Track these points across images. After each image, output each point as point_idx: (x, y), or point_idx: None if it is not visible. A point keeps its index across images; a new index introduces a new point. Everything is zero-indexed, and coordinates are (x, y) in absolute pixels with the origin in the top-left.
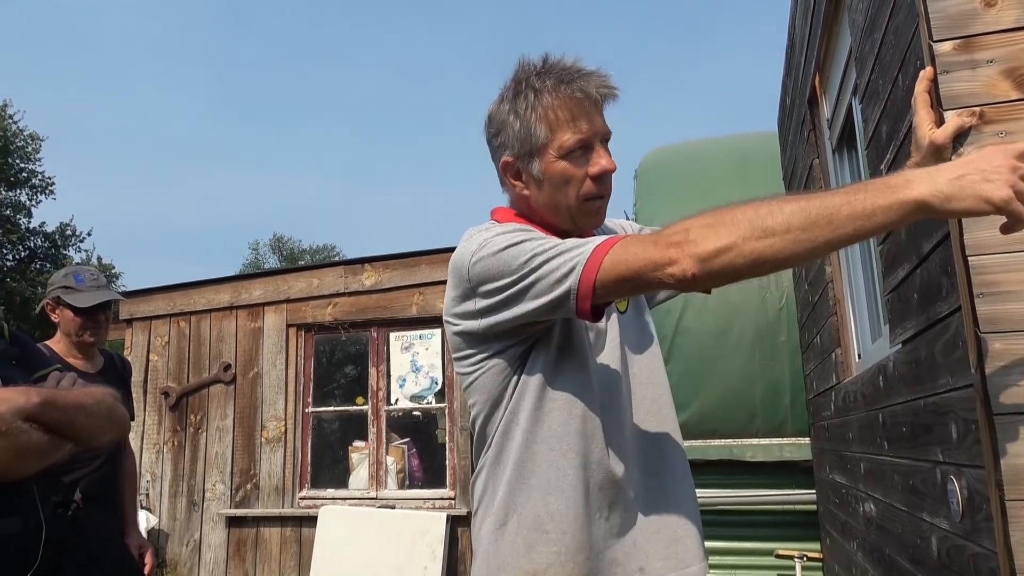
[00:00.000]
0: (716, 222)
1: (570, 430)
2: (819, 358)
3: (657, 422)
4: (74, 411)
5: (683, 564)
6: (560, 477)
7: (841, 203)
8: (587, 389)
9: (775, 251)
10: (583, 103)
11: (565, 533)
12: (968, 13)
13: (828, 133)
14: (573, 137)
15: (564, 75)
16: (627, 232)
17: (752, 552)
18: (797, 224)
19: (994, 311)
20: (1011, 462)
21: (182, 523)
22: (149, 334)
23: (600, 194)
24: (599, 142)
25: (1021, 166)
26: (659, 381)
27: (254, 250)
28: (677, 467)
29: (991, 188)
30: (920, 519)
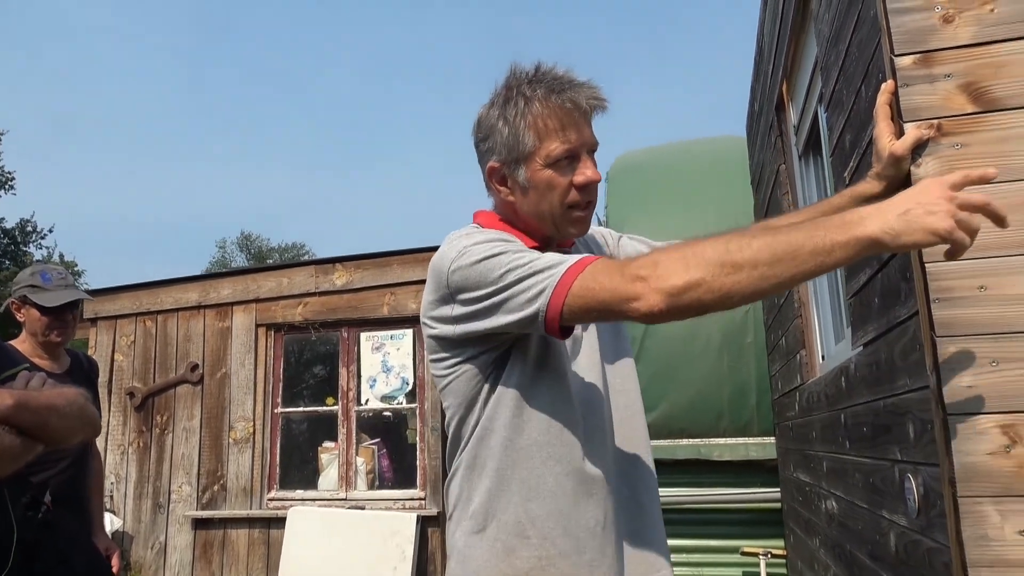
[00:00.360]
0: (685, 257)
1: (551, 439)
2: (784, 359)
3: (630, 428)
4: (46, 412)
5: (655, 569)
6: (541, 484)
7: (804, 239)
8: (566, 398)
9: (742, 287)
10: (572, 113)
11: (546, 539)
12: (927, 29)
13: (795, 139)
14: (561, 147)
15: (555, 84)
16: (608, 243)
17: (718, 549)
18: (764, 260)
19: (949, 315)
20: (963, 460)
21: (147, 525)
22: (114, 333)
23: (584, 203)
24: (586, 152)
25: (957, 196)
26: (631, 388)
27: (221, 248)
28: (647, 473)
29: (935, 220)
30: (880, 516)
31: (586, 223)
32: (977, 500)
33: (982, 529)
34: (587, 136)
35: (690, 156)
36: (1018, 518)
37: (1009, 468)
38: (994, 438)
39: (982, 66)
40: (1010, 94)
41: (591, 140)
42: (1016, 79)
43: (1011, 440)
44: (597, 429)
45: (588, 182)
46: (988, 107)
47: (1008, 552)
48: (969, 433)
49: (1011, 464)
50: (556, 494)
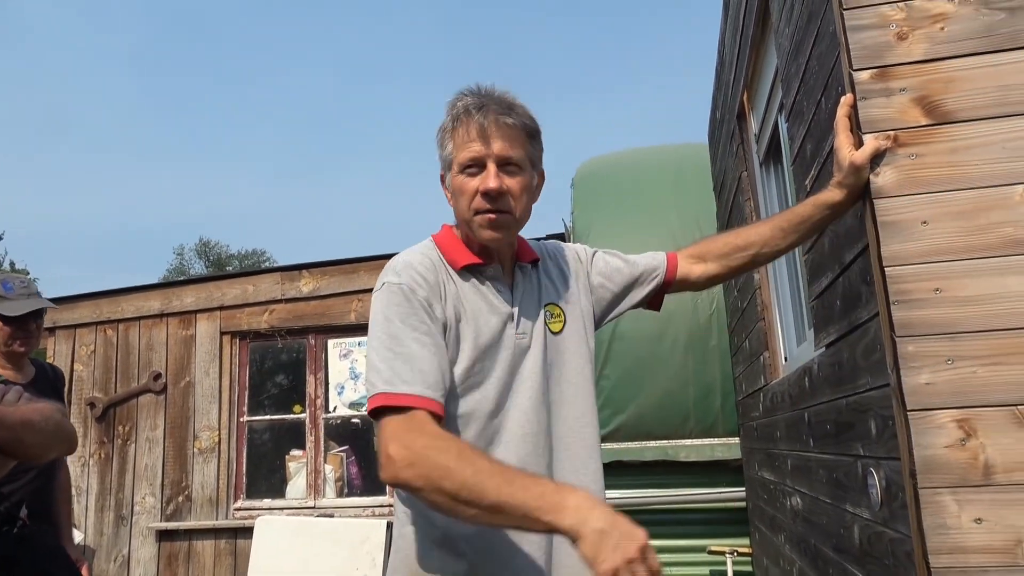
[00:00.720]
0: (438, 466)
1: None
2: (748, 361)
3: (575, 437)
4: (21, 429)
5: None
6: None
7: (525, 502)
8: (484, 409)
9: (453, 513)
10: (485, 128)
11: (468, 542)
12: (883, 45)
13: (756, 147)
14: (468, 155)
15: (476, 103)
16: (581, 260)
17: (686, 549)
18: (485, 506)
19: (908, 316)
20: (922, 453)
21: (110, 538)
22: (73, 343)
23: (488, 209)
24: (492, 163)
25: (637, 561)
26: (580, 400)
27: (179, 255)
28: (589, 478)
29: (612, 559)
30: (843, 510)
31: (495, 229)
32: (936, 491)
33: (941, 518)
34: (496, 149)
35: (654, 162)
36: (974, 507)
37: (965, 460)
38: (951, 432)
39: (934, 81)
40: (960, 107)
41: (500, 153)
42: (965, 93)
43: (966, 433)
44: (525, 437)
45: (486, 189)
46: (940, 119)
47: (965, 539)
48: (927, 428)
49: (966, 456)
50: None
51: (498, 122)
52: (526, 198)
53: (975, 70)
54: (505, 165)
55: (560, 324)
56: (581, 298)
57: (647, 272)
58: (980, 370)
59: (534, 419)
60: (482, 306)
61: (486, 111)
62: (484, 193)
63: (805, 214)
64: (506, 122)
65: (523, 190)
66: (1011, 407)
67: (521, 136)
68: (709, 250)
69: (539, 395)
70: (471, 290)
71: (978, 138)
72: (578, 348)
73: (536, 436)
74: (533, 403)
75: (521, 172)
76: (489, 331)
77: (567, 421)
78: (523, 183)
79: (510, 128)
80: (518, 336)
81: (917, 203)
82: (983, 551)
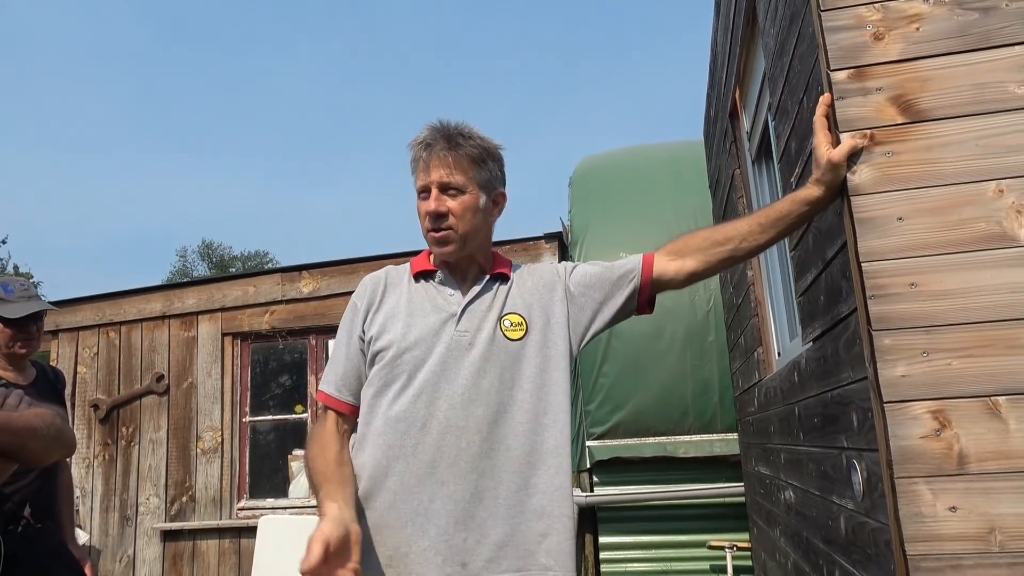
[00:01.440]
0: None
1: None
2: (743, 357)
3: (519, 443)
4: (25, 434)
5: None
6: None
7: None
8: (413, 396)
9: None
10: (427, 161)
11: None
12: (860, 45)
13: (748, 145)
14: (420, 183)
15: (426, 138)
16: (559, 278)
17: (686, 544)
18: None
19: (884, 311)
20: (899, 444)
21: (115, 539)
22: (76, 345)
23: (433, 228)
24: (436, 188)
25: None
26: (533, 406)
27: (182, 257)
28: (530, 482)
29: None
30: (831, 501)
31: (439, 245)
32: (912, 480)
33: (917, 507)
34: (434, 177)
35: (651, 159)
36: (948, 495)
37: (939, 450)
38: (926, 423)
39: (910, 80)
40: (935, 106)
41: (441, 180)
42: (940, 92)
43: (941, 424)
44: (449, 428)
45: (427, 210)
46: (916, 118)
47: (940, 527)
48: (903, 419)
49: (941, 446)
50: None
51: (440, 155)
52: (470, 216)
53: (949, 69)
54: (446, 190)
55: (520, 332)
56: (555, 310)
57: (624, 275)
58: (954, 362)
59: (463, 413)
60: (425, 305)
61: (430, 147)
62: (427, 214)
63: (784, 210)
64: (446, 155)
65: (465, 209)
66: (984, 398)
67: (463, 163)
68: (687, 245)
69: (474, 392)
70: (420, 291)
71: (952, 136)
72: (537, 358)
73: (462, 430)
74: (465, 398)
75: (462, 194)
76: (425, 326)
77: (511, 424)
78: (465, 204)
79: (452, 158)
80: (458, 333)
81: (893, 200)
82: (957, 539)
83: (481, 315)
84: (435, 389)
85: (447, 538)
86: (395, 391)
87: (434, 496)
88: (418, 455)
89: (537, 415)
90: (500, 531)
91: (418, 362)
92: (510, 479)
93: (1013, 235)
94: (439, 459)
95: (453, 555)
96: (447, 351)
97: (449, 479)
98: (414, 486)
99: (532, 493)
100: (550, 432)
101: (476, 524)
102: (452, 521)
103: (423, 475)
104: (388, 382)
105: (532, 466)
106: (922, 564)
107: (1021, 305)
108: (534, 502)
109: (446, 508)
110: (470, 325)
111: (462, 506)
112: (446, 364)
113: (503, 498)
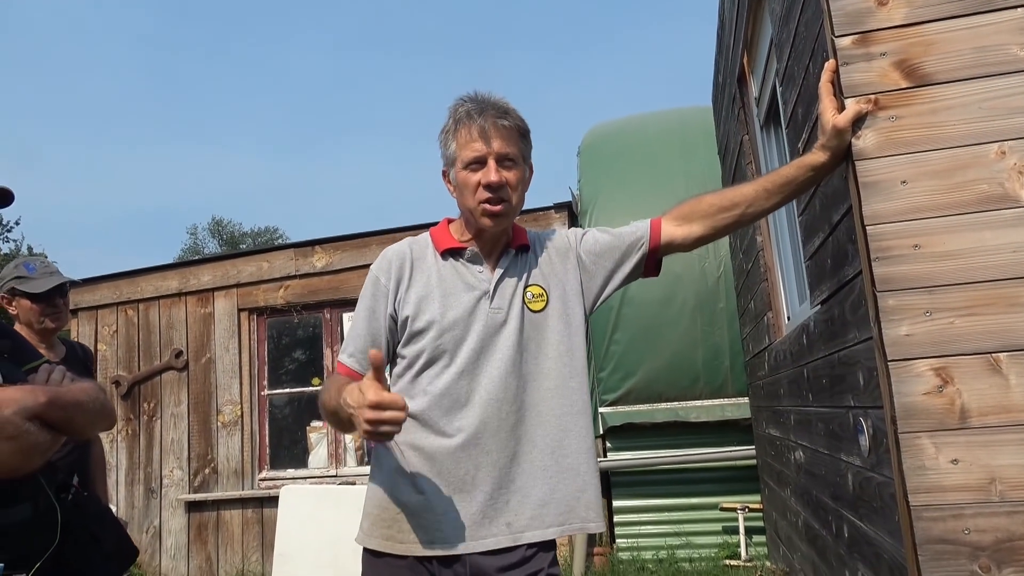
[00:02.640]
0: (321, 396)
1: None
2: (753, 322)
3: (548, 408)
4: (74, 409)
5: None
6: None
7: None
8: (456, 375)
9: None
10: (485, 130)
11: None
12: (864, 11)
13: (756, 111)
14: (471, 153)
15: (476, 108)
16: (571, 245)
17: (698, 507)
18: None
19: (888, 272)
20: (902, 400)
21: (141, 510)
22: (96, 323)
23: (491, 200)
24: (493, 160)
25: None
26: (559, 373)
27: (192, 235)
28: (563, 443)
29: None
30: (839, 459)
31: (497, 219)
32: (916, 435)
33: (920, 460)
34: (496, 147)
35: (660, 126)
36: (950, 449)
37: (942, 405)
38: (928, 380)
39: (913, 44)
40: (938, 70)
41: (499, 150)
42: (943, 56)
43: (943, 381)
44: (491, 401)
45: (487, 182)
46: (919, 82)
47: (943, 479)
48: (907, 376)
49: (943, 402)
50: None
51: (496, 124)
52: (522, 189)
53: (952, 33)
54: (503, 161)
55: (542, 303)
56: (568, 278)
57: (633, 243)
58: (957, 321)
59: (502, 386)
60: (457, 284)
61: (485, 115)
62: (487, 186)
63: (790, 175)
64: (503, 124)
65: (519, 182)
66: (985, 355)
67: (515, 136)
68: (694, 211)
69: (511, 365)
70: (450, 270)
71: (955, 99)
72: (559, 325)
73: (502, 402)
74: (503, 372)
75: (516, 167)
76: (461, 305)
77: (540, 391)
78: (518, 176)
79: (506, 129)
80: (492, 311)
81: (897, 163)
82: (959, 489)
83: (511, 290)
84: (476, 366)
85: (492, 502)
86: (438, 369)
87: (480, 465)
88: (464, 430)
89: (564, 380)
90: (540, 491)
91: (458, 341)
92: (544, 442)
93: (1015, 196)
94: (483, 431)
95: (498, 516)
96: (484, 329)
97: (492, 448)
98: (462, 458)
99: (566, 454)
100: (577, 395)
101: (517, 487)
102: (496, 486)
103: (469, 447)
104: (429, 361)
105: (563, 429)
106: (924, 514)
107: (1022, 264)
108: (568, 462)
109: (491, 475)
110: (502, 302)
111: (504, 471)
112: (484, 342)
113: (539, 460)
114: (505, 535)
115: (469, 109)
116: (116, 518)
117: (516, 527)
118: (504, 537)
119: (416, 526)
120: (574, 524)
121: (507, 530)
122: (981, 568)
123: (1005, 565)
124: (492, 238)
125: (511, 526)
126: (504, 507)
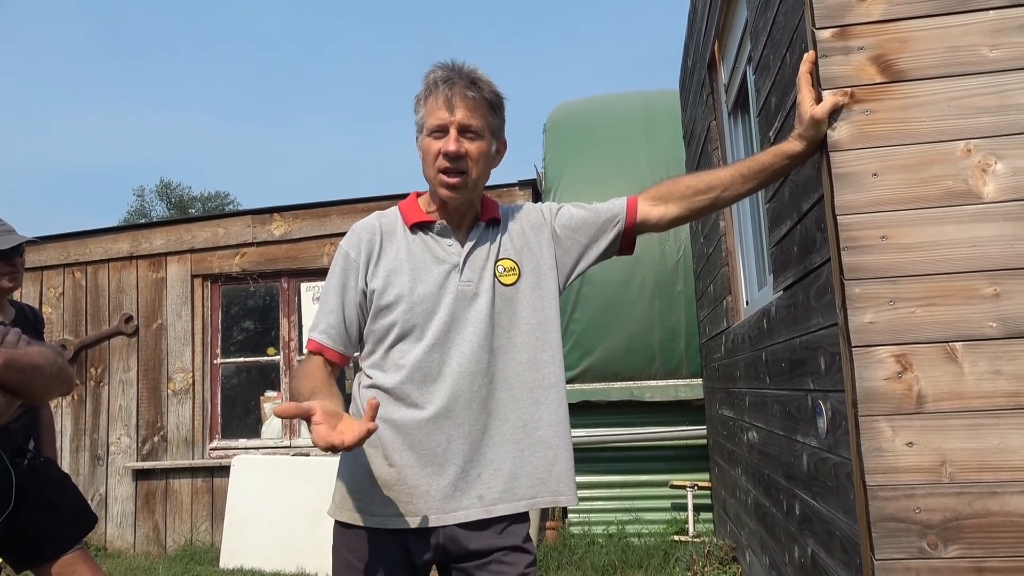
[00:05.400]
0: (291, 380)
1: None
2: (712, 306)
3: (521, 381)
4: (31, 372)
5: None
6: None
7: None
8: (427, 348)
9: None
10: (450, 99)
11: (399, 454)
12: (844, 5)
13: (725, 98)
14: (435, 121)
15: (445, 76)
16: (545, 220)
17: (649, 484)
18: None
19: (856, 261)
20: (864, 385)
21: (86, 477)
22: (41, 285)
23: (448, 170)
24: (455, 129)
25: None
26: (531, 347)
27: (139, 197)
28: (534, 416)
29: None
30: (794, 440)
31: (455, 190)
32: (874, 418)
33: (877, 442)
34: (459, 117)
35: (625, 107)
36: (906, 432)
37: (900, 391)
38: (889, 366)
39: (890, 40)
40: (912, 67)
41: (461, 120)
42: (918, 53)
43: (903, 367)
44: (463, 374)
45: (446, 151)
46: (894, 78)
47: (898, 460)
48: (869, 362)
49: (902, 387)
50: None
51: (462, 94)
52: (483, 162)
53: (927, 31)
54: (465, 132)
55: (514, 277)
56: (542, 252)
57: (609, 219)
58: (918, 310)
59: (474, 359)
60: (427, 257)
61: (452, 83)
62: (445, 154)
63: (766, 162)
64: (469, 95)
65: (480, 155)
66: (943, 343)
67: (482, 107)
68: (671, 192)
69: (483, 338)
70: (419, 243)
71: (926, 96)
72: (531, 299)
73: (474, 375)
74: (474, 346)
75: (479, 139)
76: (431, 279)
77: (512, 364)
78: (481, 149)
79: (473, 100)
80: (463, 284)
81: (869, 156)
82: (912, 471)
83: (481, 263)
84: (447, 339)
85: (464, 475)
86: (409, 343)
87: (451, 437)
88: (436, 402)
89: (536, 353)
90: (511, 464)
91: (428, 314)
92: (516, 415)
93: (977, 192)
94: (455, 404)
95: (470, 489)
96: (455, 302)
97: (464, 421)
98: (434, 431)
99: (538, 426)
100: (549, 368)
101: (488, 460)
102: (468, 459)
103: (441, 419)
104: (401, 335)
105: (535, 401)
106: (879, 493)
107: (980, 258)
108: (540, 435)
109: (463, 448)
110: (472, 275)
111: (476, 444)
112: (455, 315)
113: (510, 433)
114: (477, 508)
115: (439, 77)
116: (75, 485)
117: (488, 500)
118: (476, 510)
119: (388, 499)
120: (545, 497)
121: (479, 503)
122: (929, 545)
123: (951, 543)
124: (457, 210)
125: (483, 499)
126: (476, 480)
